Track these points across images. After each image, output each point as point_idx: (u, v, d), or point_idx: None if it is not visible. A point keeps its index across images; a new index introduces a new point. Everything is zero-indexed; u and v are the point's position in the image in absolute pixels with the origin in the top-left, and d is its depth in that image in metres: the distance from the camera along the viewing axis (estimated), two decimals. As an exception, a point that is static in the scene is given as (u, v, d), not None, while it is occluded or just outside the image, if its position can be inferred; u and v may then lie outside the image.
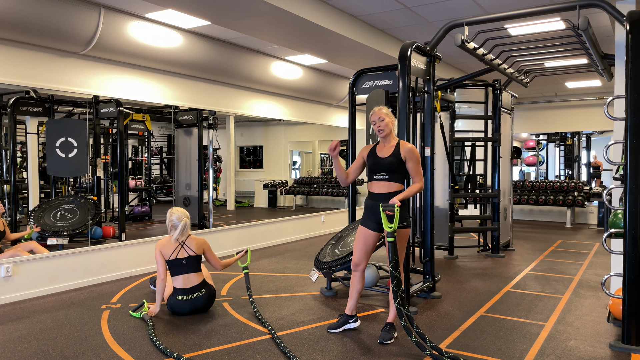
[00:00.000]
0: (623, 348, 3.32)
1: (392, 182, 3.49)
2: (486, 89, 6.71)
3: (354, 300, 3.71)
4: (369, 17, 5.72)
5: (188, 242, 4.04)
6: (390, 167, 3.47)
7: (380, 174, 3.51)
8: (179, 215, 4.05)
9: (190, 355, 3.23)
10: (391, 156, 3.48)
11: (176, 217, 4.04)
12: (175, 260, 3.98)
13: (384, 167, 3.49)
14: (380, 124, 3.50)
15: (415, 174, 3.48)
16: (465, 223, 7.92)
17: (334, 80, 8.70)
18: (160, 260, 3.99)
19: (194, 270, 4.03)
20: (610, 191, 3.79)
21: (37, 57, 4.95)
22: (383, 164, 3.49)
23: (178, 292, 3.98)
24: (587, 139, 12.96)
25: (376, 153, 3.56)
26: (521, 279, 5.37)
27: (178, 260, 3.98)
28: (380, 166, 3.50)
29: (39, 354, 3.25)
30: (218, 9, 4.75)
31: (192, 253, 4.02)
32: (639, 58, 3.26)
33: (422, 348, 3.13)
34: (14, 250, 4.76)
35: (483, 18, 4.39)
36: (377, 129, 3.52)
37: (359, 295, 3.72)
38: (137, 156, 9.55)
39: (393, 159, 3.47)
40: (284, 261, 6.43)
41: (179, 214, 4.07)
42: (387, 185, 3.49)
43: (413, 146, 3.53)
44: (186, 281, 3.98)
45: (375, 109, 3.56)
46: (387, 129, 3.51)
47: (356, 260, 3.64)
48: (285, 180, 11.79)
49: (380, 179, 3.51)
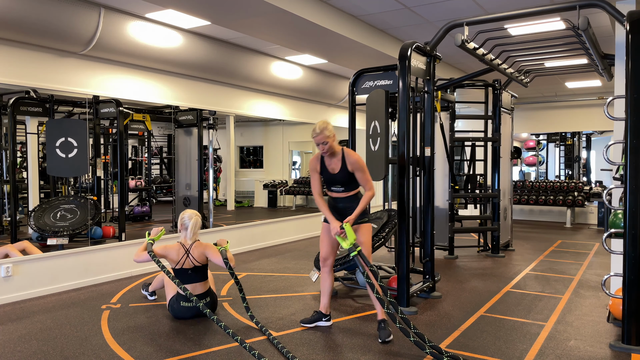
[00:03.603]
0: (623, 348, 3.32)
1: (348, 191, 3.68)
2: (486, 89, 6.71)
3: (327, 298, 3.81)
4: (369, 17, 5.72)
5: (192, 250, 3.96)
6: (344, 181, 3.64)
7: (336, 186, 3.69)
8: (190, 215, 4.04)
9: (191, 355, 3.23)
10: (340, 171, 3.62)
11: (187, 216, 4.03)
12: (182, 269, 3.94)
13: (338, 182, 3.67)
14: (325, 147, 3.58)
15: (364, 183, 3.64)
16: (465, 223, 7.92)
17: (334, 80, 8.70)
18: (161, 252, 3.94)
19: (201, 280, 4.00)
20: (610, 191, 3.79)
21: (37, 57, 4.95)
22: (336, 179, 3.66)
23: (182, 298, 3.92)
24: (587, 139, 12.96)
25: (327, 168, 3.68)
26: (521, 279, 5.37)
27: (184, 270, 3.94)
28: (334, 181, 3.68)
29: (39, 354, 3.25)
30: (218, 9, 4.75)
31: (197, 263, 3.96)
32: (639, 58, 3.26)
33: (422, 347, 3.13)
34: (4, 249, 4.76)
35: (483, 18, 4.39)
36: (322, 151, 3.61)
37: (330, 292, 3.80)
38: (137, 156, 9.55)
39: (343, 173, 3.61)
40: (284, 261, 6.43)
41: (189, 213, 4.06)
42: (344, 193, 3.69)
43: (357, 156, 3.62)
44: (192, 290, 3.93)
45: (316, 130, 3.54)
46: (331, 149, 3.60)
47: (324, 255, 3.77)
48: (285, 180, 11.78)
49: (337, 190, 3.70)
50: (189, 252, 3.95)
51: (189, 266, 3.94)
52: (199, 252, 3.98)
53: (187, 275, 3.94)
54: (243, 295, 4.07)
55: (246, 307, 4.04)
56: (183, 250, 3.95)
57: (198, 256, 3.97)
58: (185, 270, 3.94)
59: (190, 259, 3.94)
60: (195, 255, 3.96)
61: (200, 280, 4.00)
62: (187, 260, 3.94)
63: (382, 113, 4.36)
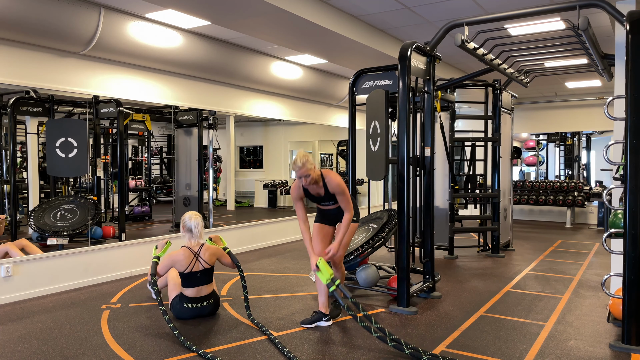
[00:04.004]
0: (623, 348, 3.32)
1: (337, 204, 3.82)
2: (486, 89, 6.71)
3: (324, 297, 3.83)
4: (369, 17, 5.72)
5: (202, 253, 3.95)
6: (329, 198, 3.80)
7: (325, 203, 3.86)
8: (190, 216, 4.03)
9: (191, 355, 3.23)
10: (325, 194, 3.78)
11: (188, 217, 4.02)
12: (190, 273, 3.91)
13: (325, 199, 3.82)
14: (307, 180, 3.64)
15: (344, 206, 3.77)
16: (465, 223, 7.92)
17: (334, 80, 8.70)
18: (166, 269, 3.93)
19: (207, 282, 3.99)
20: (610, 191, 3.79)
21: (37, 57, 4.95)
22: (323, 199, 3.82)
23: (186, 299, 3.93)
24: (587, 139, 12.96)
25: (311, 193, 3.79)
26: (521, 279, 5.37)
27: (193, 273, 3.91)
28: (321, 200, 3.84)
29: (39, 354, 3.25)
30: (218, 9, 4.75)
31: (206, 266, 3.95)
32: (639, 58, 3.26)
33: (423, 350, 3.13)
34: (4, 247, 4.76)
35: (483, 18, 4.39)
36: (305, 183, 3.66)
37: (327, 290, 3.80)
38: (137, 156, 9.54)
39: (328, 194, 3.77)
40: (284, 261, 6.43)
41: (190, 214, 4.05)
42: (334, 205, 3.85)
43: (337, 180, 3.71)
44: (198, 292, 3.94)
45: (298, 164, 3.58)
46: (313, 180, 3.67)
47: (318, 254, 3.81)
48: (285, 180, 11.78)
49: (327, 204, 3.87)
50: (198, 255, 3.94)
51: (199, 269, 3.92)
52: (209, 254, 3.98)
53: (195, 279, 3.93)
54: (246, 294, 4.14)
55: (247, 306, 4.07)
56: (191, 254, 3.93)
57: (208, 258, 3.96)
58: (195, 274, 3.92)
59: (200, 262, 3.93)
60: (206, 258, 3.95)
61: (207, 282, 4.00)
62: (197, 263, 3.92)
63: (382, 113, 4.36)
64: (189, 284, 3.92)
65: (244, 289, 4.17)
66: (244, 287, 4.18)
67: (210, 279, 4.02)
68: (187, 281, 3.92)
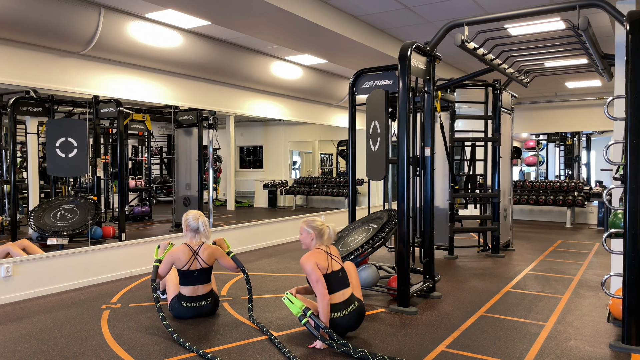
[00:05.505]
0: (623, 348, 3.32)
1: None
2: (486, 89, 6.71)
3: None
4: (369, 17, 5.72)
5: (201, 252, 3.95)
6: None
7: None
8: (194, 215, 4.01)
9: (191, 355, 3.23)
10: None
11: (192, 218, 4.00)
12: (188, 271, 3.91)
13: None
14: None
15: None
16: (465, 223, 7.92)
17: (334, 80, 8.70)
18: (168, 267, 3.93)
19: (205, 282, 3.99)
20: (610, 191, 3.79)
21: (37, 57, 4.95)
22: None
23: (184, 298, 3.93)
24: (587, 139, 12.96)
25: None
26: (521, 279, 5.37)
27: (190, 271, 3.91)
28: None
29: (39, 354, 3.25)
30: (218, 9, 4.75)
31: (204, 265, 3.95)
32: (639, 58, 3.26)
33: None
34: (5, 247, 4.76)
35: (483, 18, 4.39)
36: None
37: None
38: (137, 156, 9.55)
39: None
40: (284, 261, 6.43)
41: (194, 214, 4.03)
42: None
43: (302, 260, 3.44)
44: (195, 291, 3.94)
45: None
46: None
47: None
48: (285, 180, 11.79)
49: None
50: (196, 254, 3.94)
51: (196, 267, 3.92)
52: (208, 254, 3.98)
53: (193, 277, 3.93)
54: (251, 297, 4.19)
55: (250, 307, 4.09)
56: (190, 252, 3.93)
57: (207, 258, 3.96)
58: (192, 272, 3.92)
59: (198, 261, 3.93)
60: (205, 257, 3.95)
61: (205, 282, 4.00)
62: (195, 261, 3.92)
63: (382, 113, 4.36)
64: (186, 282, 3.93)
65: (249, 292, 4.20)
66: (249, 290, 4.20)
67: (208, 279, 4.01)
68: (185, 279, 3.93)
